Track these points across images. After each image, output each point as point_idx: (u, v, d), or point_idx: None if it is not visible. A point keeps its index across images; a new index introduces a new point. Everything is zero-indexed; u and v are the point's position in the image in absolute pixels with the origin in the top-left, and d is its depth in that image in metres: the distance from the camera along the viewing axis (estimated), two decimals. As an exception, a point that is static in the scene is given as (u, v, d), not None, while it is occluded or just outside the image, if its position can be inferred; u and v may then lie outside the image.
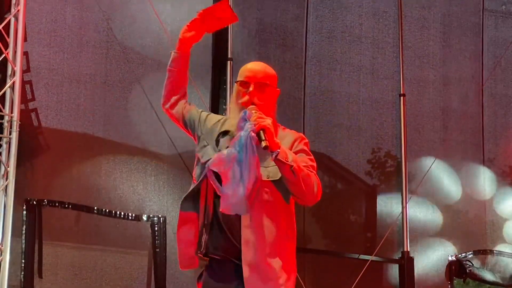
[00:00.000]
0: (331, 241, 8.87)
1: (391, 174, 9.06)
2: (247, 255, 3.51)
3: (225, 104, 7.85)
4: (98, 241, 7.36)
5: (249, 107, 3.59)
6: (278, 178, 3.57)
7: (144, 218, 7.49)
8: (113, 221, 7.34)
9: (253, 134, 3.42)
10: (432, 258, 9.08)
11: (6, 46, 6.93)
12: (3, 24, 6.91)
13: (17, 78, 6.87)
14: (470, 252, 9.19)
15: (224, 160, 3.42)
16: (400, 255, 8.73)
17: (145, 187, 7.67)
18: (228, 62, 8.02)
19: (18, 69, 6.88)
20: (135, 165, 7.64)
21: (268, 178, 3.58)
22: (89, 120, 7.49)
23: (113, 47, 7.68)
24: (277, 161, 3.48)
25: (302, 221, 8.14)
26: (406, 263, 8.70)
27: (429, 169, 9.05)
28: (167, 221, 7.48)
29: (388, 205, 8.94)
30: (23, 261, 6.86)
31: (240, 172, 3.39)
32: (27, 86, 7.21)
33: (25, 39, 7.05)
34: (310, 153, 3.72)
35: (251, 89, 3.66)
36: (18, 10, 6.95)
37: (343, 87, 8.93)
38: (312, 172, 3.60)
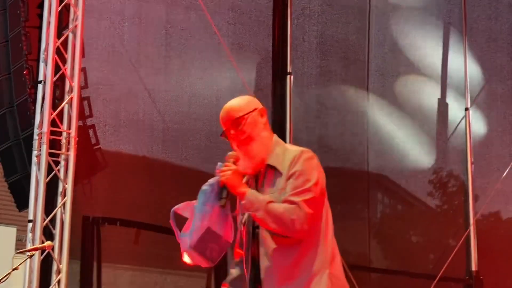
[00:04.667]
0: (392, 262, 8.65)
1: (453, 194, 8.82)
2: (266, 283, 3.58)
3: (287, 119, 7.68)
4: (158, 261, 7.26)
5: (228, 154, 3.67)
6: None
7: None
8: (173, 239, 7.21)
9: (206, 188, 3.65)
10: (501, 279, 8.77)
11: (64, 62, 6.87)
12: (61, 40, 6.85)
13: (75, 94, 6.81)
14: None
15: (189, 209, 3.69)
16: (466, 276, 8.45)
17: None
18: (288, 76, 7.85)
19: (76, 85, 6.81)
20: (195, 181, 7.51)
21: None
22: (148, 136, 7.40)
23: (172, 62, 7.60)
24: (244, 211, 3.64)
25: (367, 242, 7.96)
26: (475, 283, 8.40)
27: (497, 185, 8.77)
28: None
29: (450, 225, 8.71)
30: (80, 280, 6.78)
31: (197, 223, 3.61)
32: (85, 103, 7.16)
33: (83, 55, 6.99)
34: (306, 171, 3.59)
35: (231, 132, 3.66)
36: (76, 26, 6.90)
37: (408, 100, 8.72)
38: (292, 204, 3.52)
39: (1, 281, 4.21)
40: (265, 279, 3.59)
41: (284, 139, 7.60)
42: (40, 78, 6.78)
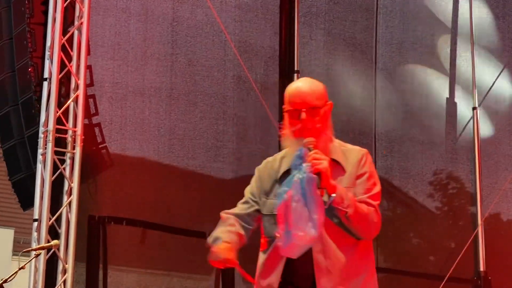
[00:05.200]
0: (393, 264, 8.58)
1: (453, 196, 8.76)
2: (322, 283, 3.44)
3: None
4: (164, 262, 7.19)
5: (305, 140, 3.45)
6: None
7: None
8: (179, 239, 7.16)
9: (313, 175, 3.35)
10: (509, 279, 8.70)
11: (70, 59, 6.81)
12: (66, 37, 6.78)
13: (81, 92, 6.74)
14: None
15: (290, 203, 3.37)
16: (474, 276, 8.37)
17: (210, 203, 7.49)
18: (295, 74, 7.79)
19: (81, 82, 6.74)
20: (201, 179, 7.46)
21: None
22: (154, 135, 7.34)
23: (178, 60, 7.53)
24: (332, 207, 3.41)
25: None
26: (483, 283, 8.33)
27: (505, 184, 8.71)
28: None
29: (450, 228, 8.65)
30: (86, 280, 6.71)
31: (308, 213, 3.33)
32: (91, 100, 7.08)
33: (88, 53, 6.92)
34: (373, 173, 3.60)
35: (303, 116, 3.50)
36: (81, 23, 6.83)
37: (415, 99, 8.65)
38: (371, 206, 3.49)
39: (8, 280, 4.15)
40: (321, 277, 3.43)
41: (291, 138, 7.54)
42: (45, 75, 6.72)
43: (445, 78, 8.90)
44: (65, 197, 6.60)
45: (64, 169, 6.63)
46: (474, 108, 8.70)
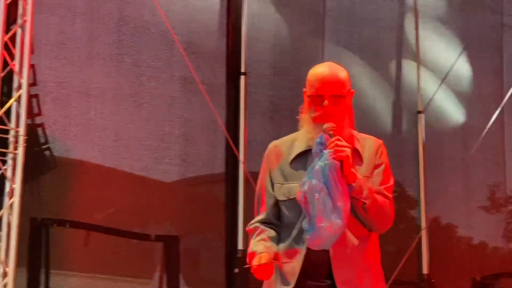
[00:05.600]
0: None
1: (395, 200, 8.81)
2: (338, 272, 3.34)
3: (240, 120, 7.56)
4: (108, 266, 7.09)
5: (325, 126, 3.33)
6: None
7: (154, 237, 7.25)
8: (123, 242, 7.08)
9: (336, 162, 3.23)
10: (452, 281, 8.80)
11: (12, 58, 6.66)
12: (9, 35, 6.64)
13: (24, 91, 6.60)
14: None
15: (312, 193, 3.23)
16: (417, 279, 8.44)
17: (155, 205, 7.43)
18: (242, 76, 7.74)
19: (24, 82, 6.60)
20: (147, 181, 7.39)
21: None
22: (99, 136, 7.23)
23: (124, 60, 7.44)
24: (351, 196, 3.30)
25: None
26: (426, 286, 8.41)
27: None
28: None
29: (396, 230, 8.69)
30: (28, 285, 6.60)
31: (332, 203, 3.21)
32: (34, 100, 6.95)
33: (32, 51, 6.78)
34: (389, 165, 3.53)
35: (325, 103, 3.41)
36: (25, 21, 6.69)
37: (360, 103, 8.68)
38: (387, 199, 3.44)
39: None
40: (337, 268, 3.32)
41: (237, 140, 7.52)
42: (-13, 74, 6.57)
43: (391, 82, 8.96)
44: (6, 199, 6.45)
45: (5, 170, 6.49)
46: (418, 112, 8.76)
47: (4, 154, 6.50)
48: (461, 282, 8.82)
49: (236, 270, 7.12)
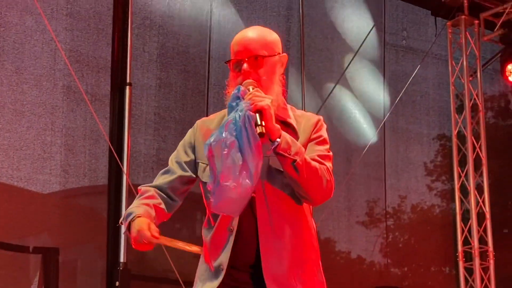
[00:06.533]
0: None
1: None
2: (267, 265, 2.97)
3: (125, 131, 7.46)
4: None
5: (245, 81, 3.00)
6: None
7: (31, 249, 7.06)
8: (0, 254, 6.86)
9: (251, 113, 2.82)
10: None
11: None
12: None
13: None
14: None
15: (220, 148, 2.82)
16: None
17: (34, 216, 7.23)
18: (127, 86, 7.63)
19: None
20: (26, 192, 7.18)
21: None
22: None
23: (5, 67, 7.23)
24: (276, 153, 2.91)
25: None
26: None
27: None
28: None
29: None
30: None
31: (243, 160, 2.79)
32: None
33: None
34: (327, 140, 3.17)
35: (244, 67, 3.06)
36: None
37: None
38: (323, 165, 3.02)
39: None
40: (267, 263, 2.93)
41: (121, 151, 7.40)
42: None
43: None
44: None
45: None
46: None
47: None
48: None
49: (117, 284, 6.99)
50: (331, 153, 3.17)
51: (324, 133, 3.17)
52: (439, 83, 10.21)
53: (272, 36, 3.18)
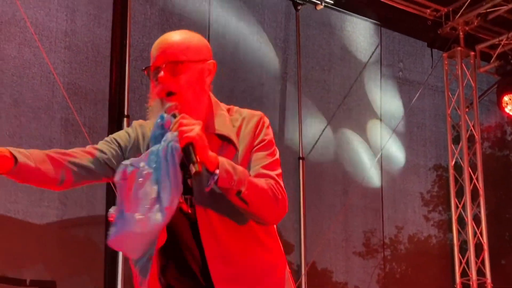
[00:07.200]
0: None
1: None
2: (216, 271, 2.70)
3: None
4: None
5: (167, 105, 2.70)
6: None
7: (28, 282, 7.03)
8: (-3, 287, 6.83)
9: (176, 145, 2.55)
10: None
11: None
12: None
13: None
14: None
15: (134, 176, 2.56)
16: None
17: (31, 249, 7.21)
18: (125, 118, 7.66)
19: None
20: (23, 224, 7.17)
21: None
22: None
23: (3, 100, 7.23)
24: (218, 187, 2.62)
25: None
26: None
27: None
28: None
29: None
30: None
31: (157, 194, 2.54)
32: None
33: None
34: (271, 141, 2.90)
35: (161, 74, 2.73)
36: None
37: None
38: (270, 179, 2.77)
39: None
40: (214, 269, 2.66)
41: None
42: None
43: (274, 128, 9.02)
44: None
45: None
46: (300, 158, 8.84)
47: None
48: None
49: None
50: (277, 155, 2.90)
51: (267, 134, 2.90)
52: (436, 114, 10.24)
53: (197, 40, 2.85)
